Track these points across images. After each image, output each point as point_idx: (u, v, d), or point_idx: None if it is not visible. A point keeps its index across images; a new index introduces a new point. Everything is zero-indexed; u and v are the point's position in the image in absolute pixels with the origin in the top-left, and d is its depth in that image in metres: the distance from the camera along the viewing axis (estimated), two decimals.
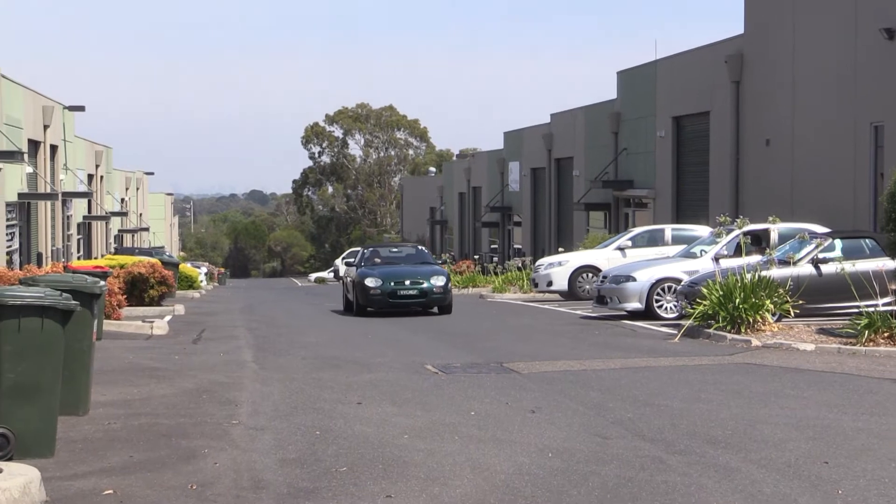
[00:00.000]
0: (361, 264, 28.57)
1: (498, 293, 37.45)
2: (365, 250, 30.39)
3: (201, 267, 64.94)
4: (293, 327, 24.46)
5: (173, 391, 13.31)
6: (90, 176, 55.83)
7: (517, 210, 60.86)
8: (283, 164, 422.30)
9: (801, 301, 19.40)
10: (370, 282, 27.05)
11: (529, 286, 34.72)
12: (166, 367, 15.67)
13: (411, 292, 26.87)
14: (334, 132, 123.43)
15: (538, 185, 56.83)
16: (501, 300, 34.52)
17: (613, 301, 23.78)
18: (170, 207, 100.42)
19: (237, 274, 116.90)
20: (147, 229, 76.54)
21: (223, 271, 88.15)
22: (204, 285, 52.70)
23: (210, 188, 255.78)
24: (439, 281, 27.04)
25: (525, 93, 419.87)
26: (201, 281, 51.27)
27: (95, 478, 8.77)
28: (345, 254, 79.83)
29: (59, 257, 42.66)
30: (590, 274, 30.72)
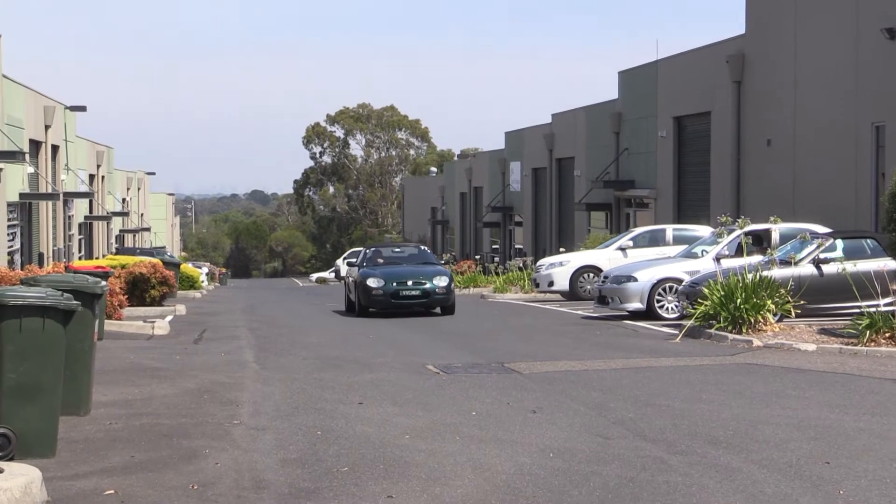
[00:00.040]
0: (364, 264, 28.29)
1: (499, 293, 37.42)
2: (367, 250, 30.07)
3: (202, 267, 64.85)
4: (294, 327, 24.43)
5: (175, 391, 13.31)
6: (91, 176, 55.79)
7: (518, 210, 60.84)
8: (285, 165, 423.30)
9: (803, 301, 19.39)
10: (372, 282, 26.86)
11: (530, 286, 34.71)
12: (168, 368, 15.66)
13: (414, 293, 26.63)
14: (335, 132, 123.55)
15: (539, 185, 56.81)
16: (503, 300, 34.52)
17: (615, 301, 23.78)
18: (171, 207, 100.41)
19: (238, 274, 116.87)
20: (148, 229, 76.52)
21: (224, 271, 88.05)
22: (205, 285, 52.68)
23: (211, 188, 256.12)
24: (442, 281, 26.82)
25: (525, 93, 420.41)
26: (202, 281, 51.25)
27: (97, 478, 8.78)
28: (346, 254, 79.87)
29: (61, 257, 42.65)
30: (591, 274, 30.71)
